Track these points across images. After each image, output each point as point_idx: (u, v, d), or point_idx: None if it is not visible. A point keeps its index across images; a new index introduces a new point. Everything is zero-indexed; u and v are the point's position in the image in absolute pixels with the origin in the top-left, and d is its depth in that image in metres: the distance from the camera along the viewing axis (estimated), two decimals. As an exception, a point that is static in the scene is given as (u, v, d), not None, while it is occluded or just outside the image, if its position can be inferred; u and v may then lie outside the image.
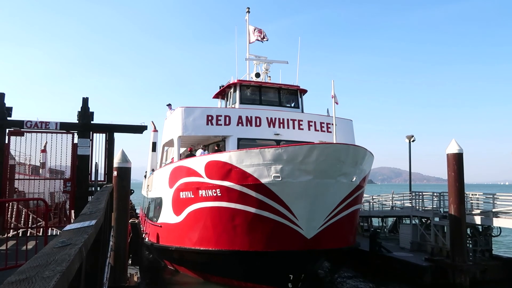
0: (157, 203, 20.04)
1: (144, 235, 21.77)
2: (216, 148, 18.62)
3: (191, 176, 15.74)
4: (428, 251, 19.82)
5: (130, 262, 16.50)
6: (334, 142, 15.41)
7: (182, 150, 20.02)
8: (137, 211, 35.37)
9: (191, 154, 18.53)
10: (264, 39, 23.92)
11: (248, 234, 14.26)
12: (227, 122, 19.14)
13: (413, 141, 31.67)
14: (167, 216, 17.80)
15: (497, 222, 18.27)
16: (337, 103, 16.20)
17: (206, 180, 14.98)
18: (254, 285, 15.29)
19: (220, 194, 14.54)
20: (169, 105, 23.44)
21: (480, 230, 19.65)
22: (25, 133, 16.02)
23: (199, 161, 15.58)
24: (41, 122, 16.08)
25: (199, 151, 18.57)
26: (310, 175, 13.23)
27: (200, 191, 15.23)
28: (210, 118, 19.07)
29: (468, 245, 18.66)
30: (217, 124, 19.07)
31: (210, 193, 14.85)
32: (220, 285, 16.53)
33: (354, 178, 14.09)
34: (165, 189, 18.21)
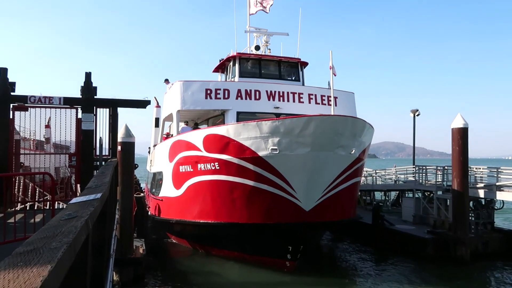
0: (158, 177, 20.23)
1: (147, 208, 22.12)
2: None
3: (190, 150, 15.80)
4: (431, 224, 20.01)
5: (135, 235, 16.80)
6: (332, 114, 15.28)
7: (182, 124, 20.00)
8: (142, 185, 35.80)
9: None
10: (268, 4, 23.13)
11: (246, 207, 14.42)
12: (226, 96, 18.95)
13: (417, 115, 31.44)
14: (168, 189, 18.00)
15: (500, 196, 18.35)
16: (335, 75, 15.91)
17: (205, 153, 15.03)
18: (253, 257, 15.58)
19: (218, 168, 14.62)
20: (166, 80, 23.22)
21: (483, 203, 19.78)
22: (29, 108, 16.02)
23: (198, 135, 15.60)
24: (45, 97, 16.05)
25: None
26: (308, 148, 13.21)
27: (199, 164, 15.32)
28: (209, 92, 18.86)
29: (470, 218, 18.82)
30: (216, 98, 18.88)
31: (208, 167, 14.94)
32: (220, 257, 16.87)
33: (353, 150, 14.06)
34: (165, 163, 18.34)
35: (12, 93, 16.01)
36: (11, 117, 15.89)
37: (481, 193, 18.94)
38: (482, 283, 15.15)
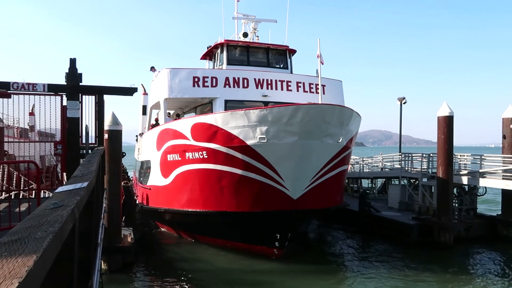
0: (146, 166, 20.13)
1: (135, 197, 22.02)
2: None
3: (178, 138, 15.72)
4: (416, 211, 20.40)
5: (123, 223, 16.76)
6: (320, 102, 15.33)
7: (171, 112, 19.80)
8: (130, 174, 35.55)
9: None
10: None
11: (234, 195, 14.48)
12: (214, 84, 18.79)
13: (404, 103, 31.72)
14: (156, 178, 17.93)
15: (483, 182, 18.78)
16: (322, 63, 15.94)
17: (193, 142, 14.99)
18: (241, 244, 15.71)
19: (206, 156, 14.61)
20: (152, 68, 22.88)
21: (467, 190, 20.21)
22: (12, 95, 15.67)
23: (185, 124, 15.51)
24: (28, 84, 15.71)
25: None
26: (295, 136, 13.27)
27: (187, 153, 15.27)
28: (196, 79, 18.67)
29: (454, 204, 19.23)
30: (203, 85, 18.71)
31: (196, 155, 14.91)
32: (208, 246, 16.96)
33: (341, 139, 14.16)
34: (153, 152, 18.23)
35: (-6, 80, 15.64)
36: (-7, 104, 15.56)
37: (465, 180, 19.33)
38: (464, 265, 15.65)
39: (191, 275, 13.92)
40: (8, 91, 15.56)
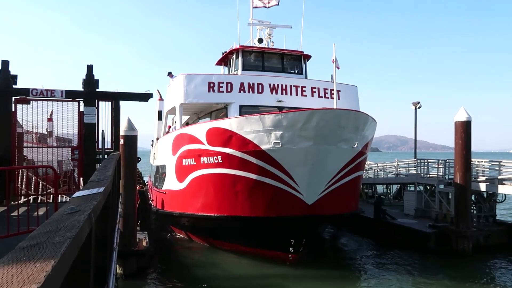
0: (162, 171, 20.29)
1: (151, 201, 22.21)
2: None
3: (193, 143, 15.82)
4: (432, 218, 20.02)
5: (139, 228, 16.89)
6: (335, 107, 15.24)
7: (185, 118, 19.97)
8: (145, 179, 35.88)
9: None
10: (271, 3, 23.13)
11: (249, 200, 14.45)
12: (229, 89, 18.92)
13: (419, 107, 31.34)
14: (171, 183, 18.05)
15: (502, 189, 18.33)
16: (338, 68, 15.89)
17: (208, 147, 15.05)
18: (256, 250, 15.65)
19: (221, 161, 14.64)
20: (169, 73, 23.18)
21: (485, 196, 19.76)
22: (31, 101, 16.02)
23: (201, 128, 15.61)
24: (47, 90, 16.04)
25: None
26: (310, 141, 13.20)
27: (202, 158, 15.35)
28: (212, 85, 18.84)
29: (472, 211, 18.82)
30: (219, 91, 18.86)
31: (211, 160, 14.97)
32: (223, 250, 16.95)
33: (356, 144, 14.03)
34: (168, 156, 18.38)
35: (14, 86, 16.01)
36: (13, 110, 15.92)
37: (483, 187, 18.91)
38: (483, 274, 15.22)
39: (206, 280, 13.91)
40: (28, 97, 15.91)
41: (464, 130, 17.53)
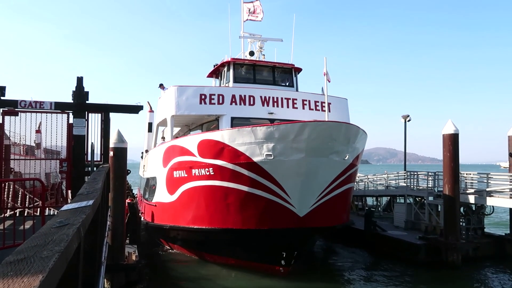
0: (152, 183, 20.11)
1: (140, 214, 21.94)
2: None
3: (184, 155, 15.76)
4: (422, 230, 20.12)
5: (128, 241, 16.65)
6: (326, 120, 15.35)
7: (176, 130, 19.91)
8: (135, 191, 35.53)
9: None
10: (258, 18, 23.39)
11: (240, 212, 14.38)
12: (221, 101, 18.97)
13: (408, 120, 31.74)
14: (162, 195, 17.90)
15: (490, 201, 18.55)
16: (329, 81, 16.07)
17: (199, 159, 15.00)
18: (247, 262, 15.52)
19: (213, 173, 14.59)
20: (161, 85, 23.19)
21: (473, 209, 19.95)
22: (19, 113, 15.85)
23: (192, 140, 15.56)
24: (36, 102, 15.90)
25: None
26: (302, 153, 13.25)
27: (193, 170, 15.28)
28: (203, 97, 18.87)
29: (461, 223, 18.97)
30: (210, 103, 18.90)
31: (203, 172, 14.90)
32: (214, 263, 16.77)
33: (347, 156, 14.12)
34: (159, 168, 18.25)
35: (2, 98, 15.84)
36: (0, 121, 15.71)
37: (472, 199, 19.11)
38: (473, 285, 15.34)
39: (195, 295, 13.72)
40: (16, 109, 15.74)
41: (452, 142, 17.76)
